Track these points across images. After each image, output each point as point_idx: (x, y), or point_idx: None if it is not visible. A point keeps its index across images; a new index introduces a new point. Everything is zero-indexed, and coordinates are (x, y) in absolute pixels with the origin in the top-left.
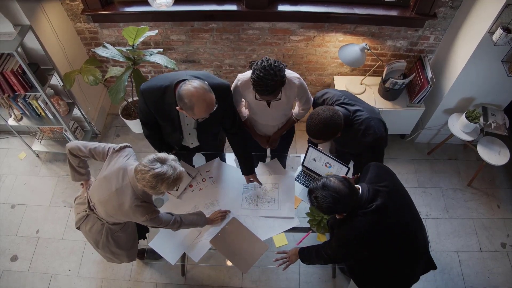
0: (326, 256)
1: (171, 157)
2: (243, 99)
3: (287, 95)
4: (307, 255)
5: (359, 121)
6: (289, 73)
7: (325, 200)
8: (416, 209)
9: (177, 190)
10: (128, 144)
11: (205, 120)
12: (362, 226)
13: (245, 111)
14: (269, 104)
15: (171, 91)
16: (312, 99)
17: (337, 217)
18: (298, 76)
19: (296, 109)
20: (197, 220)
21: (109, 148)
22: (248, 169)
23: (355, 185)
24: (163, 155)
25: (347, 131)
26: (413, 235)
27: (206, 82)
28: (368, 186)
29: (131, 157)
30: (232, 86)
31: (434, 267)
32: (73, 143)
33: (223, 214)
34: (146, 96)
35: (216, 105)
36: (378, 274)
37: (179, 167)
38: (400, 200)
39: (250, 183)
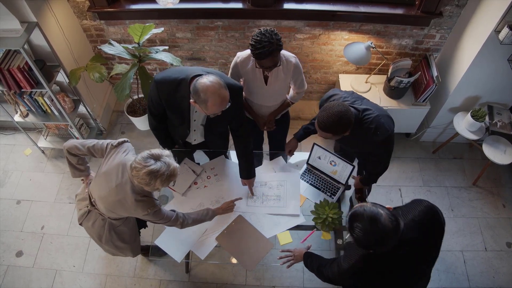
0: (326, 276)
1: (166, 153)
2: (241, 79)
3: (284, 72)
4: (309, 264)
5: (369, 119)
6: (285, 52)
7: (367, 237)
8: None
9: (173, 185)
10: (126, 139)
11: (214, 119)
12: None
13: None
14: (266, 81)
15: (185, 84)
16: (306, 84)
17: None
18: (295, 56)
19: (291, 92)
20: (203, 215)
21: (107, 144)
22: (246, 173)
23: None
24: (157, 151)
25: (357, 130)
26: (423, 248)
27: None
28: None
29: (130, 152)
30: (232, 63)
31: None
32: (70, 142)
33: (234, 203)
34: (160, 86)
35: (229, 103)
36: None
37: (173, 163)
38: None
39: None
